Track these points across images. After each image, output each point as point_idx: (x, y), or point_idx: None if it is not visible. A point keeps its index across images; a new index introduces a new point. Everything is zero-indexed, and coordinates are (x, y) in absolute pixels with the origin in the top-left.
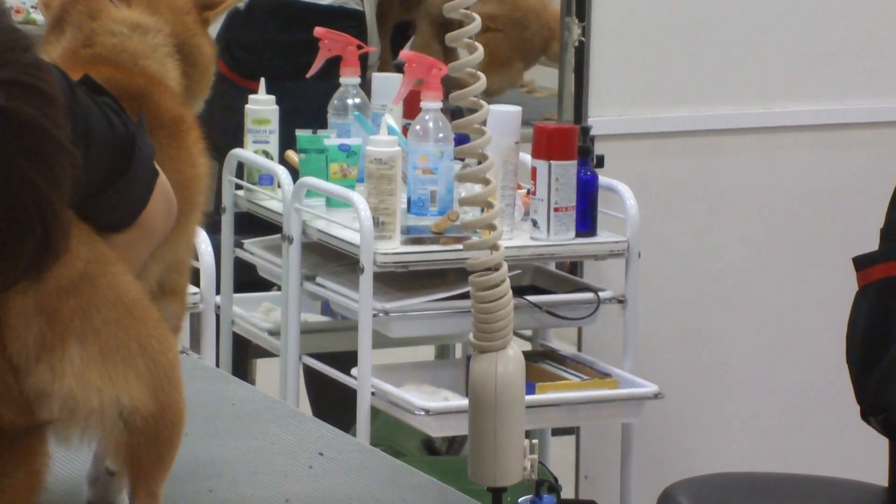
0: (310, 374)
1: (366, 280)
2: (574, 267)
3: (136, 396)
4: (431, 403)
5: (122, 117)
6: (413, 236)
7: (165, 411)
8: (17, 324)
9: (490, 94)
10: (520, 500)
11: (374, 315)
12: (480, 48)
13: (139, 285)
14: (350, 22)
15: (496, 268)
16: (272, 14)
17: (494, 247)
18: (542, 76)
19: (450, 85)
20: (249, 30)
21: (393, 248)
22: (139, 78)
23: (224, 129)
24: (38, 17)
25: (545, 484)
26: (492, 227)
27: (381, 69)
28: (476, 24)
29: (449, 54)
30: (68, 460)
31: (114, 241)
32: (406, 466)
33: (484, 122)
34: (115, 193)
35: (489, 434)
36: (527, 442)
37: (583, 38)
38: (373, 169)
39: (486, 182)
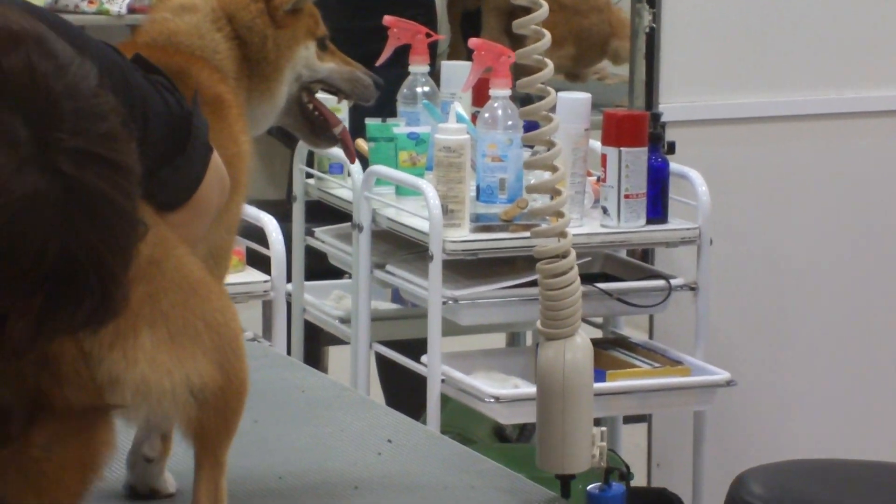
0: (382, 361)
1: (435, 268)
2: (646, 254)
3: (204, 372)
4: (501, 391)
5: (176, 95)
6: (482, 224)
7: (231, 381)
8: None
9: None
10: (588, 487)
11: (444, 303)
12: (548, 35)
13: (199, 265)
14: (419, 10)
15: (564, 255)
16: (342, 2)
17: (562, 234)
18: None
19: (519, 72)
20: (323, 18)
21: (462, 235)
22: (177, 56)
23: None
24: (112, 7)
25: (614, 472)
26: (560, 215)
27: (452, 57)
28: (543, 10)
29: (516, 42)
30: None
31: (171, 220)
32: (474, 453)
33: (553, 109)
34: (172, 170)
35: (557, 422)
36: (595, 430)
37: (653, 25)
38: (442, 157)
39: (554, 169)
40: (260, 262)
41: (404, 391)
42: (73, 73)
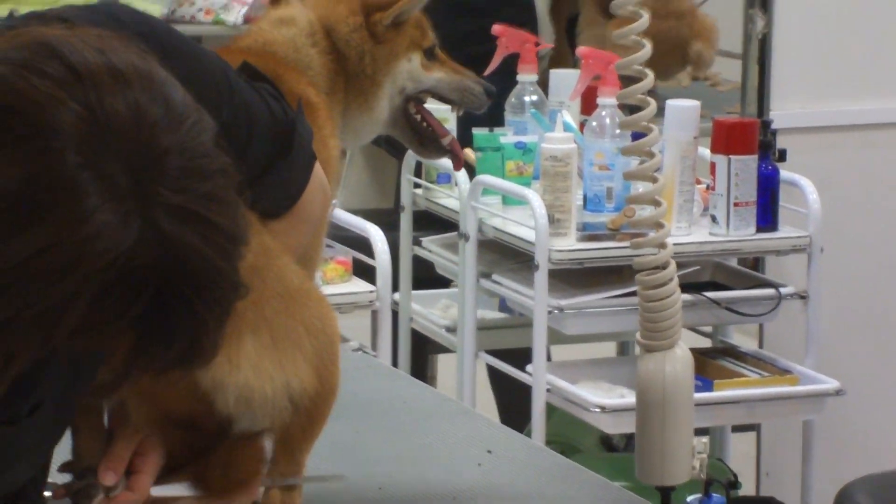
0: (493, 369)
1: (541, 277)
2: (757, 262)
3: (303, 378)
4: (606, 400)
5: (282, 103)
6: (589, 233)
7: (325, 386)
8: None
9: None
10: (688, 499)
11: (550, 312)
12: (648, 45)
13: (300, 272)
14: (517, 9)
15: (663, 266)
16: (440, 4)
17: (662, 245)
18: (727, 69)
19: (627, 80)
20: None
21: (568, 244)
22: (268, 60)
23: None
24: (228, 18)
25: (715, 483)
26: (659, 226)
27: (559, 64)
28: (644, 20)
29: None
30: None
31: (273, 228)
32: (574, 464)
33: (660, 117)
34: (276, 176)
35: (656, 433)
36: (696, 440)
37: (766, 30)
38: (548, 166)
39: (654, 180)
40: (366, 272)
41: (516, 399)
42: (185, 129)
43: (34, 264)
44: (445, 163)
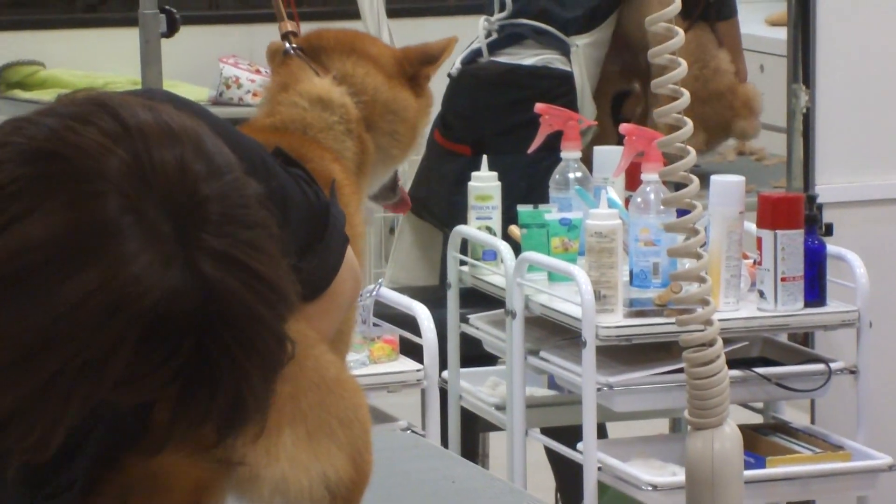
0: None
1: (588, 354)
2: (807, 337)
3: (339, 468)
4: (659, 479)
5: (314, 187)
6: (636, 309)
7: (360, 473)
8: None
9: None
10: None
11: (599, 389)
12: (690, 123)
13: (338, 362)
14: (556, 81)
15: (710, 343)
16: (478, 77)
17: (708, 322)
18: (773, 143)
19: (672, 156)
20: (459, 96)
21: (615, 321)
22: (297, 139)
23: (439, 196)
24: None
25: None
26: (705, 302)
27: (603, 140)
28: (685, 99)
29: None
30: None
31: (307, 312)
32: None
33: (704, 193)
34: (311, 261)
35: None
36: None
37: (809, 105)
38: (593, 242)
39: (699, 256)
40: (413, 350)
41: (574, 477)
42: (226, 181)
43: (82, 309)
44: (491, 240)
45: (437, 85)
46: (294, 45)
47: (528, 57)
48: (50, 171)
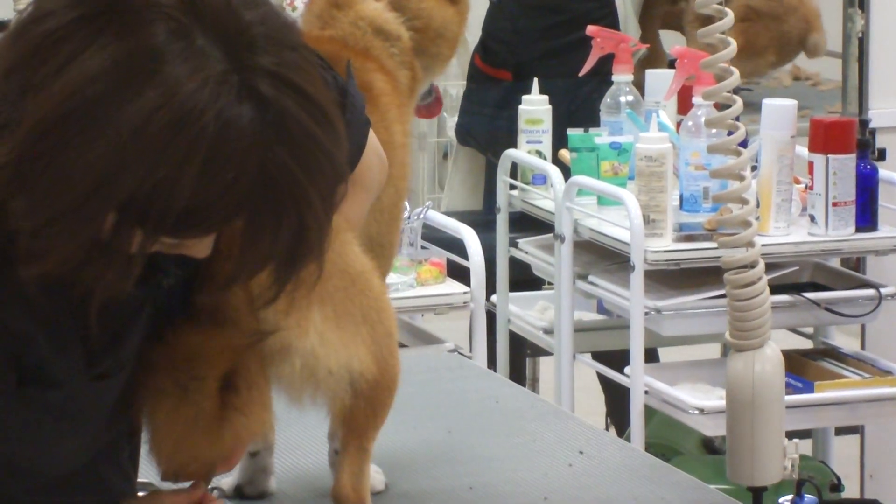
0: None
1: (636, 278)
2: (859, 262)
3: (363, 361)
4: (705, 402)
5: (332, 72)
6: (685, 233)
7: (384, 376)
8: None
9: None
10: (780, 499)
11: (647, 313)
12: (733, 43)
13: (362, 257)
14: (595, 4)
15: (752, 265)
16: (519, 1)
17: (749, 244)
18: (828, 68)
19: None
20: (500, 20)
21: (664, 245)
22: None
23: (480, 121)
24: None
25: (807, 483)
26: (747, 224)
27: (653, 64)
28: (728, 19)
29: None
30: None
31: None
32: (667, 465)
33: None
34: None
35: (747, 434)
36: (787, 442)
37: (864, 30)
38: (643, 166)
39: (740, 178)
40: (461, 273)
41: (624, 399)
42: (264, 8)
43: (146, 130)
44: (541, 163)
45: (478, 10)
46: None
47: None
48: (99, 9)
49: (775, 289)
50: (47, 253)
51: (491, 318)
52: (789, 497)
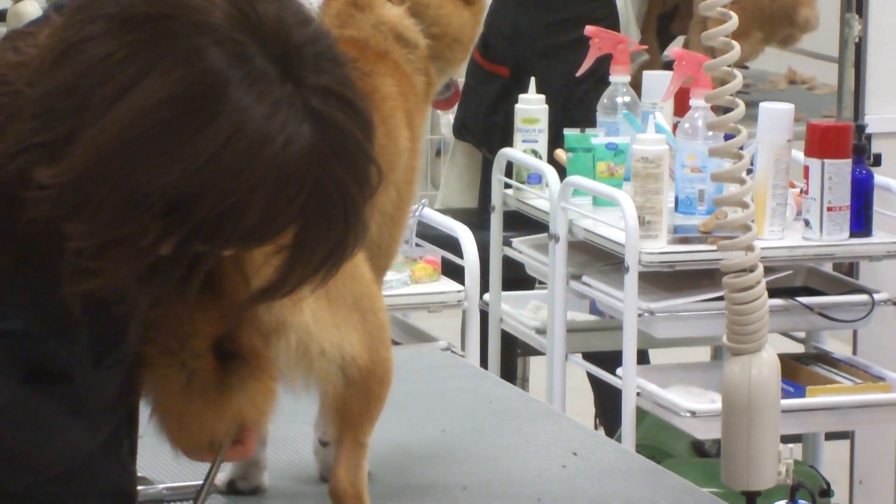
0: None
1: (630, 279)
2: (852, 268)
3: (355, 346)
4: (697, 405)
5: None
6: (680, 235)
7: (377, 367)
8: (260, 260)
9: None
10: None
11: (640, 315)
12: (737, 46)
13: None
14: (596, 4)
15: (751, 269)
16: None
17: (749, 248)
18: (824, 72)
19: (720, 82)
20: (501, 17)
21: (659, 247)
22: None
23: (476, 117)
24: None
25: (801, 489)
26: (746, 228)
27: (649, 65)
28: (732, 22)
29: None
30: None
31: None
32: (660, 468)
33: (752, 120)
34: None
35: (742, 438)
36: (783, 446)
37: (861, 34)
38: (639, 167)
39: (742, 182)
40: (455, 272)
41: (614, 400)
42: (313, 27)
43: (223, 155)
44: (537, 163)
45: None
46: None
47: None
48: (157, 31)
49: (769, 293)
50: (100, 273)
51: (483, 316)
52: (783, 502)
